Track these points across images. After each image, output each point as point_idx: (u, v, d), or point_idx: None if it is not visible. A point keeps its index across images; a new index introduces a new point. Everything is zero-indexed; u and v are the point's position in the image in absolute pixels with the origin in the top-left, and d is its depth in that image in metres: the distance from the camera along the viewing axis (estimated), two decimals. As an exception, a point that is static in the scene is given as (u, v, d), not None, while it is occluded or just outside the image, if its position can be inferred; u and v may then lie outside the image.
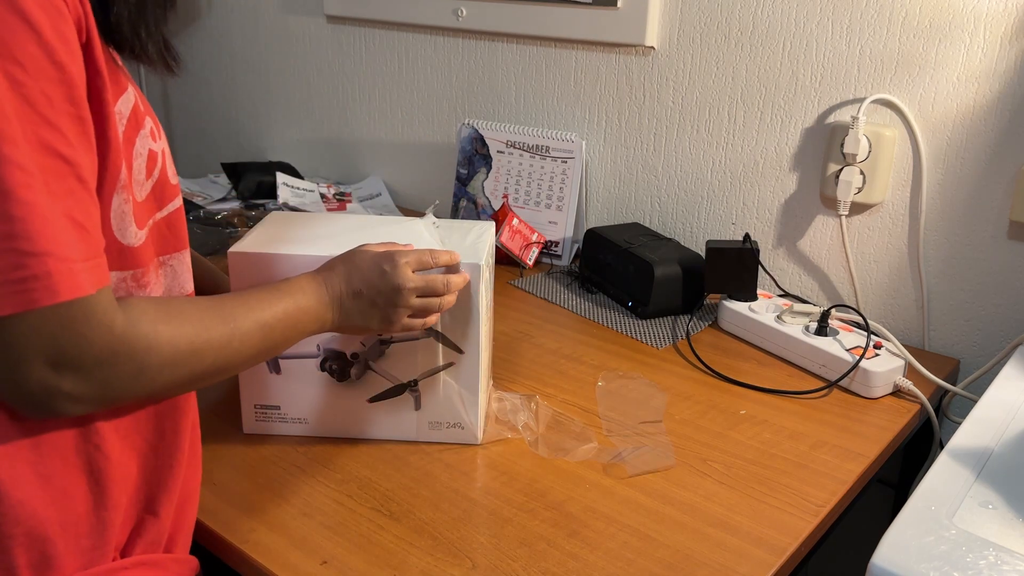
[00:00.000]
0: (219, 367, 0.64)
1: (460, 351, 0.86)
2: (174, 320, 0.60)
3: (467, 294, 0.84)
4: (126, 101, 0.61)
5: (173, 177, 0.68)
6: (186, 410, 0.70)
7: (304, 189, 1.62)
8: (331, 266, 0.77)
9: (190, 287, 0.72)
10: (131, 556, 0.67)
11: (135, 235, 0.62)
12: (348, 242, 0.84)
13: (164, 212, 0.67)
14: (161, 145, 0.66)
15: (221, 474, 0.84)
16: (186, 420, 0.70)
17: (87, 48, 0.55)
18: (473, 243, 0.87)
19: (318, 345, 0.87)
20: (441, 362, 0.87)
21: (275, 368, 0.88)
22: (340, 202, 1.63)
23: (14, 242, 0.50)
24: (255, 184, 1.63)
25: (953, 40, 1.06)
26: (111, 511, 0.64)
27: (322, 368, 0.87)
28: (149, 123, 0.64)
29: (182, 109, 2.12)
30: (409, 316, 0.79)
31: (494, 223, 0.96)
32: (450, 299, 0.81)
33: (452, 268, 0.82)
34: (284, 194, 1.57)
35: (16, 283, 0.51)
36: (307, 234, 0.88)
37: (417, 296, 0.78)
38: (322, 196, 1.62)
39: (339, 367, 0.87)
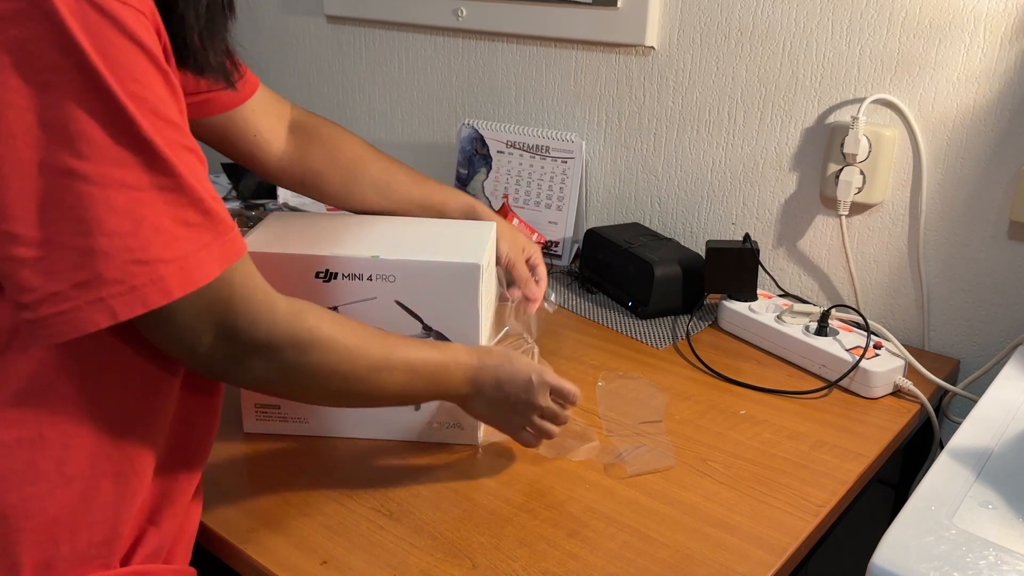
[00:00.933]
0: (368, 387, 0.70)
1: None
2: (337, 323, 0.67)
3: (466, 294, 0.84)
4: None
5: None
6: (213, 423, 0.72)
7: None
8: (491, 352, 0.80)
9: None
10: (130, 565, 0.67)
11: None
12: (351, 242, 0.84)
13: None
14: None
15: (221, 474, 0.84)
16: (211, 437, 0.72)
17: (165, 53, 0.57)
18: (473, 243, 0.87)
19: None
20: None
21: None
22: (340, 202, 1.62)
23: (130, 254, 0.54)
24: (255, 184, 1.63)
25: (953, 40, 1.06)
26: (123, 521, 0.64)
27: None
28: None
29: (182, 109, 2.12)
30: (527, 429, 0.82)
31: (495, 224, 0.95)
32: (558, 430, 0.84)
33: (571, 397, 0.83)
34: (284, 194, 1.57)
35: (133, 290, 0.54)
36: (310, 233, 0.88)
37: (538, 416, 0.81)
38: (322, 196, 1.62)
39: None
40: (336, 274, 0.83)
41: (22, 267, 0.52)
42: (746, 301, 1.16)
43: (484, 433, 0.90)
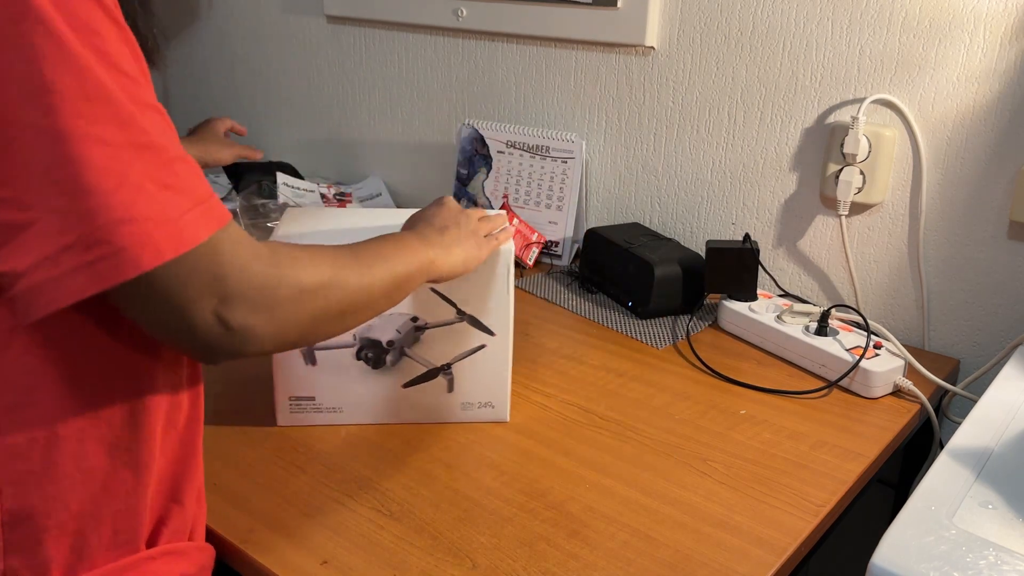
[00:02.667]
0: (361, 303, 0.67)
1: (492, 333, 0.90)
2: (310, 252, 0.64)
3: (497, 278, 0.88)
4: None
5: None
6: (199, 399, 0.71)
7: (304, 189, 1.62)
8: (411, 221, 0.84)
9: None
10: (157, 546, 0.67)
11: None
12: (373, 233, 0.87)
13: None
14: None
15: (221, 474, 0.84)
16: (200, 409, 0.71)
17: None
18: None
19: (354, 335, 0.89)
20: (473, 345, 0.90)
21: (311, 359, 0.90)
22: (340, 202, 1.63)
23: (112, 213, 0.51)
24: (255, 184, 1.63)
25: (953, 40, 1.06)
26: (144, 504, 0.64)
27: (358, 357, 0.90)
28: None
29: (182, 109, 2.12)
30: (485, 236, 0.86)
31: (507, 212, 0.98)
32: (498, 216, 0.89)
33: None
34: (284, 194, 1.57)
35: (120, 252, 0.51)
36: (334, 226, 0.91)
37: (480, 216, 0.87)
38: (322, 196, 1.62)
39: (375, 355, 0.90)
40: None
41: (11, 232, 0.50)
42: (746, 301, 1.16)
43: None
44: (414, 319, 0.89)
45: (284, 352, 0.90)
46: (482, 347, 0.90)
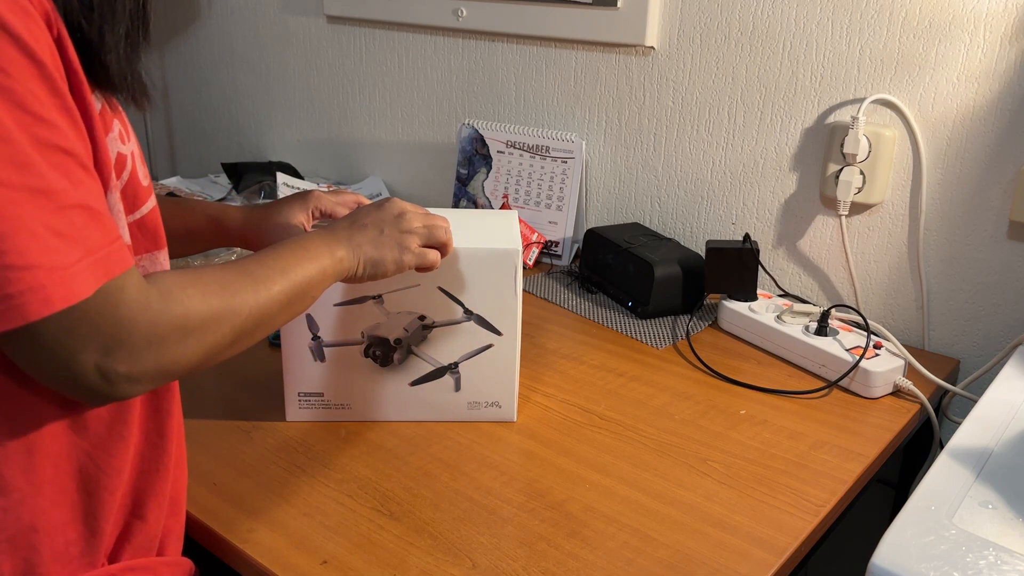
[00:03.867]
0: (255, 322, 0.64)
1: (499, 333, 0.90)
2: (200, 283, 0.61)
3: (505, 278, 0.88)
4: (95, 101, 0.60)
5: (144, 179, 0.67)
6: (171, 411, 0.70)
7: (304, 189, 1.62)
8: (334, 223, 0.78)
9: None
10: (120, 561, 0.67)
11: (125, 235, 0.62)
12: None
13: (136, 215, 0.65)
14: (130, 147, 0.65)
15: (221, 474, 0.84)
16: (172, 422, 0.70)
17: (59, 44, 0.54)
18: (506, 231, 0.92)
19: (362, 332, 0.90)
20: (481, 345, 0.90)
21: (319, 357, 0.90)
22: (340, 202, 1.62)
23: (4, 258, 0.49)
24: (255, 184, 1.63)
25: (953, 40, 1.06)
26: (100, 519, 0.64)
27: (366, 355, 0.91)
28: (117, 125, 0.63)
29: (182, 109, 2.12)
30: (420, 245, 0.79)
31: (516, 212, 1.00)
32: (447, 232, 0.82)
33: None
34: (284, 194, 1.57)
35: (8, 298, 0.49)
36: None
37: (422, 224, 0.79)
38: (322, 196, 1.62)
39: (382, 353, 0.91)
40: None
41: None
42: (746, 301, 1.16)
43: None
44: (422, 318, 0.89)
45: (291, 353, 0.90)
46: (489, 347, 0.91)
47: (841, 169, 1.14)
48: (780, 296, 1.22)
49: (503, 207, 1.43)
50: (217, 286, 0.61)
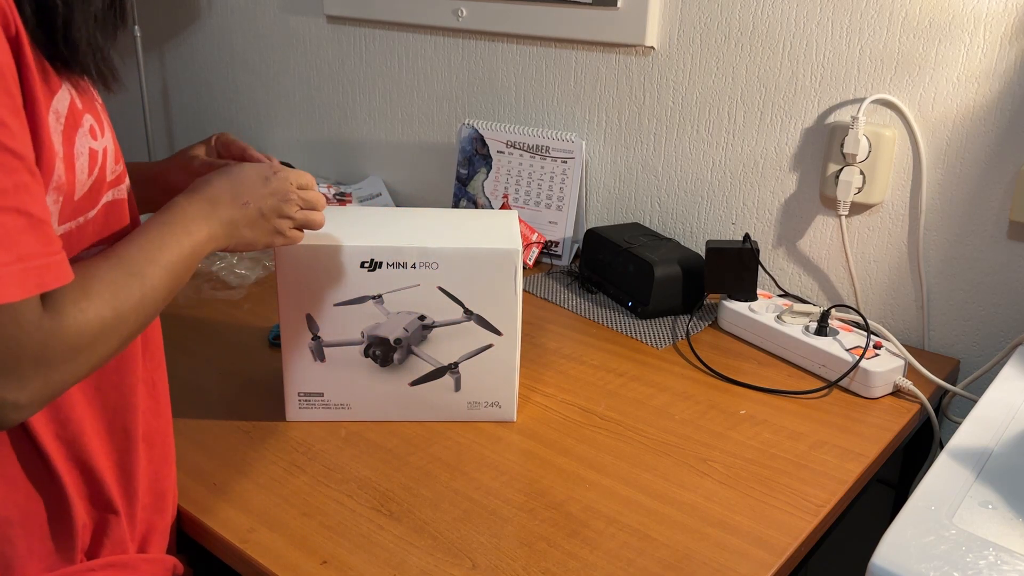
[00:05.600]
0: (141, 322, 0.62)
1: (499, 333, 0.90)
2: (92, 293, 0.57)
3: (505, 278, 0.88)
4: (61, 99, 0.59)
5: (112, 173, 0.66)
6: (135, 404, 0.69)
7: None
8: (209, 181, 0.73)
9: None
10: (99, 557, 0.67)
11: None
12: (390, 232, 0.89)
13: (94, 211, 0.64)
14: (103, 143, 0.63)
15: (221, 474, 0.84)
16: (136, 416, 0.69)
17: (15, 43, 0.53)
18: (505, 230, 0.92)
19: (362, 332, 0.90)
20: (481, 345, 0.90)
21: (320, 357, 0.91)
22: (340, 202, 1.63)
23: None
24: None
25: (953, 40, 1.06)
26: (73, 514, 0.64)
27: (366, 354, 0.91)
28: (89, 120, 0.62)
29: (182, 109, 2.12)
30: (292, 228, 0.77)
31: (516, 212, 1.00)
32: (323, 217, 0.80)
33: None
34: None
35: None
36: (348, 226, 0.91)
37: (300, 208, 0.77)
38: (322, 196, 1.62)
39: (382, 353, 0.91)
40: (381, 263, 0.87)
41: None
42: (746, 301, 1.16)
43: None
44: (421, 318, 0.89)
45: (291, 353, 0.90)
46: (489, 347, 0.91)
47: (841, 169, 1.14)
48: (780, 296, 1.22)
49: (503, 207, 1.43)
50: (109, 293, 0.58)
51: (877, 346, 1.04)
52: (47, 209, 0.54)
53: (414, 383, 0.92)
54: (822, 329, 1.07)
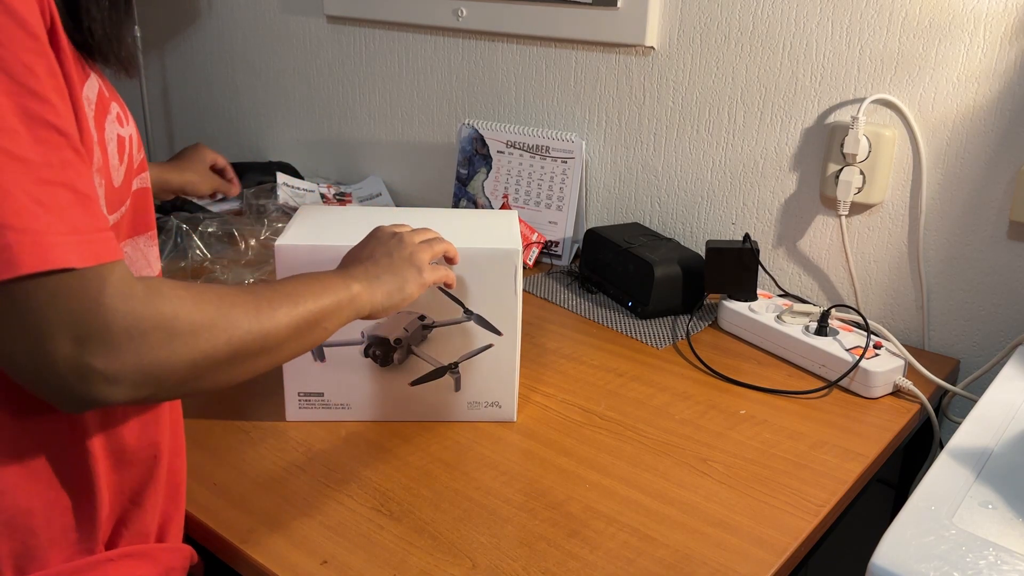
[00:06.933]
0: (257, 343, 0.60)
1: (499, 333, 0.90)
2: (194, 289, 0.58)
3: (505, 278, 0.88)
4: (91, 86, 0.60)
5: (136, 161, 0.67)
6: (162, 406, 0.70)
7: (304, 189, 1.62)
8: (343, 259, 0.79)
9: (157, 268, 0.72)
10: (117, 548, 0.67)
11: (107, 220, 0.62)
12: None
13: (127, 203, 0.65)
14: (129, 130, 0.64)
15: (221, 474, 0.84)
16: (161, 411, 0.70)
17: (52, 32, 0.54)
18: (505, 230, 0.92)
19: (362, 332, 0.90)
20: (481, 345, 0.90)
21: (319, 356, 0.91)
22: (340, 202, 1.63)
23: None
24: (255, 184, 1.63)
25: (953, 40, 1.06)
26: (97, 505, 0.64)
27: (366, 354, 0.91)
28: (115, 108, 0.62)
29: (182, 109, 2.12)
30: (428, 260, 0.80)
31: (516, 212, 1.00)
32: (450, 245, 0.84)
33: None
34: (284, 194, 1.57)
35: None
36: (344, 225, 0.92)
37: (420, 240, 0.80)
38: (322, 196, 1.62)
39: (382, 353, 0.91)
40: None
41: None
42: (746, 301, 1.17)
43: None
44: (421, 318, 0.89)
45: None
46: (489, 347, 0.91)
47: (841, 169, 1.14)
48: (780, 296, 1.22)
49: (503, 207, 1.43)
50: (215, 296, 0.58)
51: (877, 346, 1.04)
52: (94, 187, 0.54)
53: (414, 383, 0.92)
54: (822, 329, 1.07)
